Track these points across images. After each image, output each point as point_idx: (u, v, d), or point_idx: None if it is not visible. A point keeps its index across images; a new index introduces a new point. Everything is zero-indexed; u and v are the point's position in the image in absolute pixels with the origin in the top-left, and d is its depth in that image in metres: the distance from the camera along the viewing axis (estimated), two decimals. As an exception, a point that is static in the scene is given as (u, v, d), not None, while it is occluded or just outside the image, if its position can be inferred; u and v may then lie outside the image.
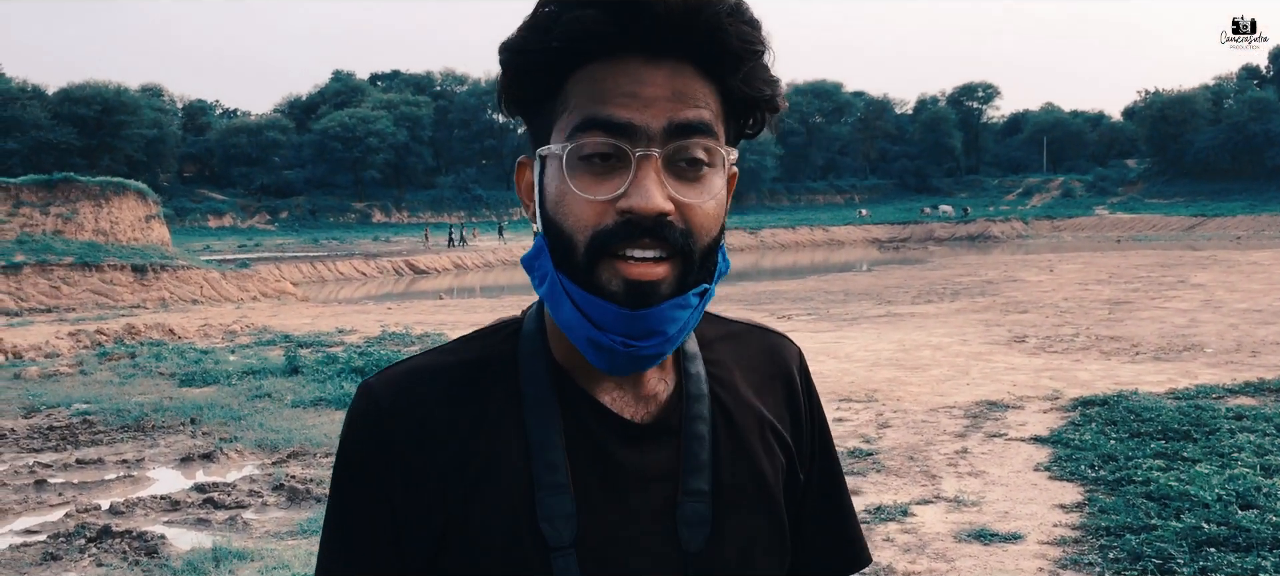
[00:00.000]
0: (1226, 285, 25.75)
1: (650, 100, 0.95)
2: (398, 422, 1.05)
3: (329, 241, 64.80)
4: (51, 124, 72.39)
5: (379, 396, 1.06)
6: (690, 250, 0.97)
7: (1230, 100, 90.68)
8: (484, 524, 1.02)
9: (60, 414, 12.41)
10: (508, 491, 1.02)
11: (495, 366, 1.08)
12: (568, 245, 0.97)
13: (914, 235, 71.38)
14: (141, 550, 7.21)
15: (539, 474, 1.02)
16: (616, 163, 0.95)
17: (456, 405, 1.05)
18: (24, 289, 29.85)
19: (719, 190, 0.99)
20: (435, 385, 1.07)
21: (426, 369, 1.08)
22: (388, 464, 1.04)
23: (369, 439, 1.06)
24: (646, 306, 0.96)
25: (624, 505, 1.03)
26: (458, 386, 1.07)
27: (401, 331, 19.66)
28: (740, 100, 1.01)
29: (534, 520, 1.00)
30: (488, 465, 1.03)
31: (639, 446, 1.05)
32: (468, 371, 1.08)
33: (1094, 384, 12.07)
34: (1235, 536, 6.16)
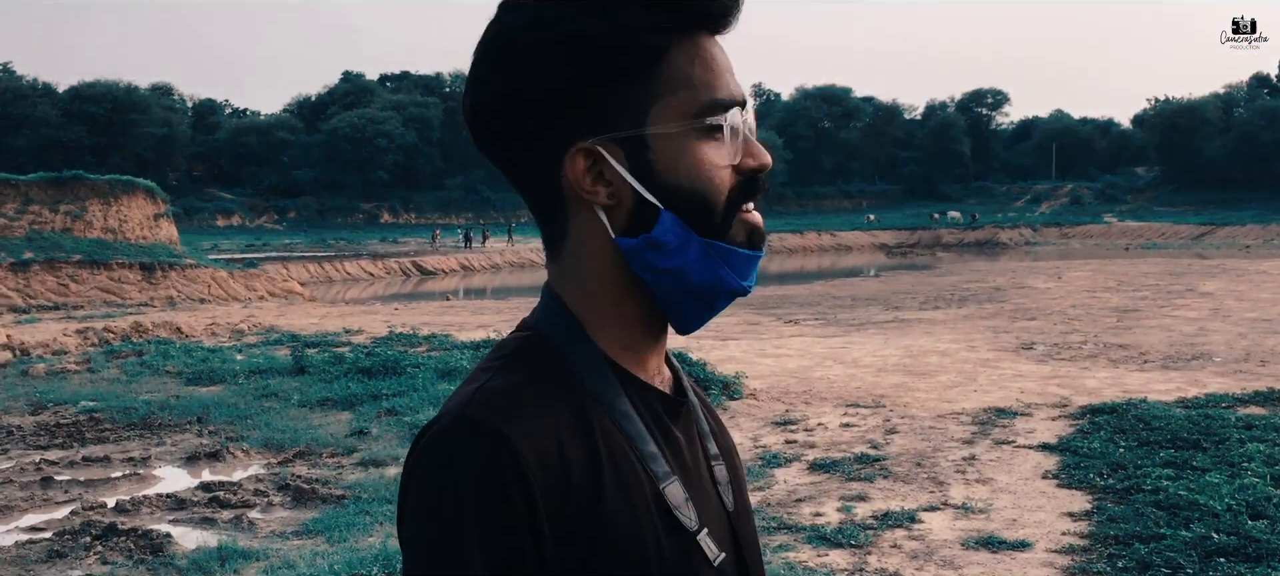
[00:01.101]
0: (1235, 294, 25.67)
1: (732, 71, 1.04)
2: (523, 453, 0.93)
3: (337, 242, 64.86)
4: (61, 122, 72.63)
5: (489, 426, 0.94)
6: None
7: (1240, 108, 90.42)
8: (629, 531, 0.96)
9: (67, 411, 12.43)
10: (642, 494, 0.98)
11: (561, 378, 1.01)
12: (706, 210, 1.01)
13: (922, 241, 71.25)
14: (147, 548, 7.21)
15: (651, 466, 1.01)
16: (736, 133, 1.02)
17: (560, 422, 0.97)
18: (32, 286, 29.93)
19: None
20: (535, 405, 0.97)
21: (515, 390, 0.98)
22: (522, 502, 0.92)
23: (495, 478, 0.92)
24: (763, 247, 1.06)
25: (696, 477, 1.07)
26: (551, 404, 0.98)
27: (408, 332, 19.66)
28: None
29: (668, 512, 1.00)
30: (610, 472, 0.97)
31: (679, 419, 1.08)
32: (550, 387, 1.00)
33: (1102, 392, 12.03)
34: (1245, 546, 6.12)
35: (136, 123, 75.70)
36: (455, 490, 0.92)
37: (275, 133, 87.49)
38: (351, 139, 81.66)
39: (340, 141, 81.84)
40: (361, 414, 11.74)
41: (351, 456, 9.92)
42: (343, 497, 8.43)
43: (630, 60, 0.98)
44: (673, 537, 0.99)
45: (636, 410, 1.03)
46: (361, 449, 10.14)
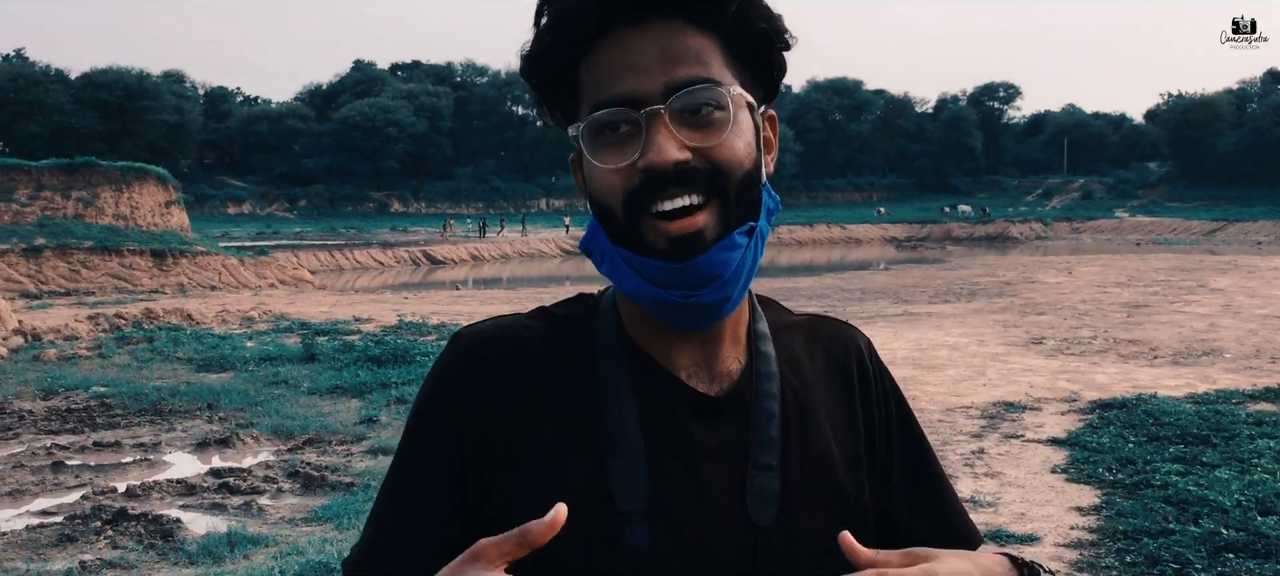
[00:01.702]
0: (1246, 290, 25.57)
1: (645, 67, 1.00)
2: (482, 369, 1.09)
3: (347, 230, 64.99)
4: (73, 109, 72.83)
5: (469, 343, 1.11)
6: (723, 188, 1.00)
7: (1254, 104, 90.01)
8: (553, 482, 1.03)
9: (78, 396, 12.48)
10: (581, 454, 1.05)
11: (574, 335, 1.12)
12: (609, 216, 1.03)
13: (932, 234, 71.05)
14: (157, 533, 7.24)
15: (613, 441, 1.05)
16: (631, 131, 1.00)
17: (538, 365, 1.09)
18: (44, 272, 30.05)
19: (742, 129, 1.03)
20: (520, 342, 1.11)
21: (514, 327, 1.13)
22: (465, 404, 1.08)
23: (453, 379, 1.10)
24: (695, 255, 0.99)
25: (695, 477, 1.06)
26: (541, 347, 1.11)
27: (418, 321, 19.70)
28: (743, 44, 1.04)
29: (605, 485, 1.03)
30: (563, 425, 1.06)
31: (710, 420, 1.08)
32: (549, 336, 1.12)
33: (1112, 386, 12.01)
34: (1254, 542, 6.11)
35: (148, 110, 75.88)
36: (429, 375, 1.13)
37: (286, 121, 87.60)
38: (362, 128, 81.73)
39: (351, 130, 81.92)
40: (371, 401, 11.77)
41: (361, 443, 9.95)
42: (352, 485, 8.45)
43: (552, 85, 1.06)
44: (601, 508, 1.03)
45: (640, 394, 1.07)
46: (371, 436, 10.17)
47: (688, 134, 0.99)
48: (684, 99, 0.99)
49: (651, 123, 0.99)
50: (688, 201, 0.99)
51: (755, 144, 1.04)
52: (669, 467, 1.05)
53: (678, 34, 1.01)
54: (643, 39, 1.00)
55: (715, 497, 1.06)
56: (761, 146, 1.06)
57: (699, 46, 1.01)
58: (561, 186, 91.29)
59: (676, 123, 0.99)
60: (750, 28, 1.04)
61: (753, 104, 1.06)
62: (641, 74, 1.00)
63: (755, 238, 1.04)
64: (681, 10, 1.01)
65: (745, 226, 1.03)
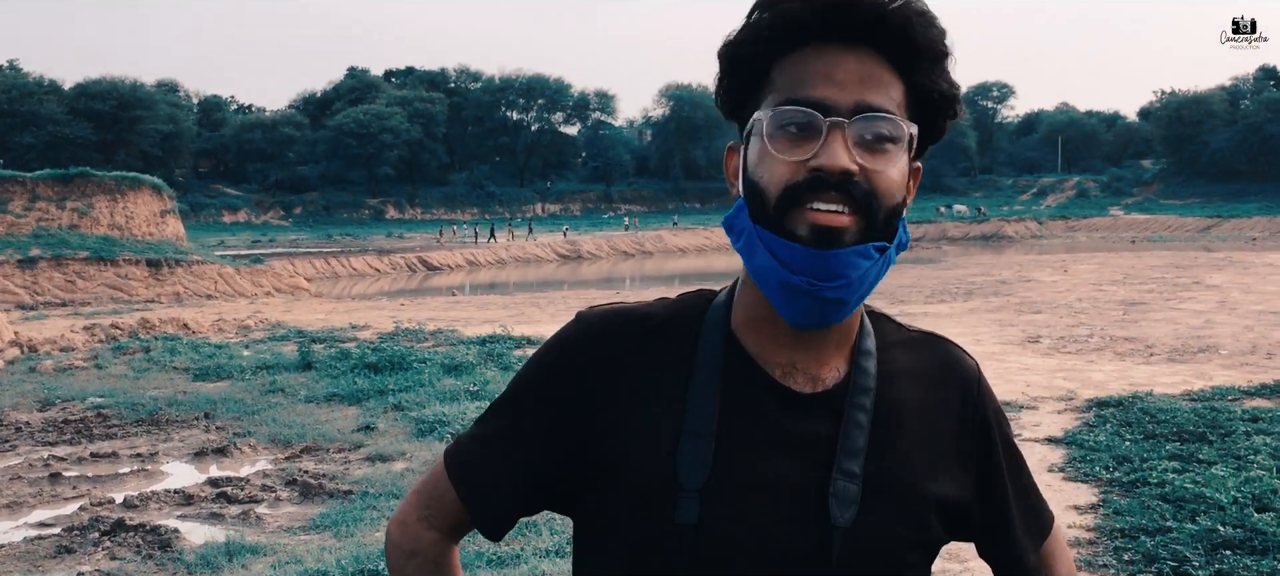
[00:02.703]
0: (1242, 287, 25.61)
1: (842, 82, 1.10)
2: (596, 347, 1.21)
3: (342, 237, 64.97)
4: (68, 119, 72.73)
5: (590, 322, 1.24)
6: (873, 208, 1.09)
7: (1247, 101, 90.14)
8: (635, 459, 1.16)
9: (75, 407, 12.47)
10: (661, 433, 1.15)
11: (683, 323, 1.22)
12: (763, 198, 1.11)
13: (928, 234, 71.12)
14: (155, 543, 7.24)
15: (688, 422, 1.14)
16: (810, 133, 1.09)
17: (645, 350, 1.20)
18: (40, 283, 30.01)
19: (903, 165, 1.13)
20: (633, 328, 1.22)
21: (631, 313, 1.24)
22: (575, 376, 1.21)
23: (567, 351, 1.23)
24: (831, 247, 1.08)
25: (767, 468, 1.14)
26: (650, 334, 1.22)
27: (415, 327, 19.69)
28: (923, 96, 1.14)
29: (672, 462, 1.13)
30: (652, 402, 1.17)
31: (796, 417, 1.16)
32: (662, 323, 1.23)
33: (1108, 385, 12.02)
34: (1251, 539, 6.11)
35: (142, 119, 75.81)
36: (546, 342, 1.26)
37: (281, 129, 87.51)
38: (357, 135, 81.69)
39: (346, 137, 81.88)
40: (368, 409, 11.76)
41: (358, 452, 9.94)
42: (350, 493, 8.45)
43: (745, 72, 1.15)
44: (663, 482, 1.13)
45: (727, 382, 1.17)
46: (368, 444, 10.16)
47: (860, 154, 1.08)
48: (868, 120, 1.09)
49: (833, 131, 1.08)
50: (840, 208, 1.08)
51: (904, 185, 1.14)
52: (738, 455, 1.14)
53: (877, 65, 1.11)
54: (845, 58, 1.10)
55: (788, 492, 1.14)
56: (907, 189, 1.15)
57: (891, 84, 1.11)
58: (556, 191, 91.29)
59: (854, 139, 1.08)
60: (934, 87, 1.14)
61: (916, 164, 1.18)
62: (836, 87, 1.09)
63: (884, 259, 1.12)
64: (884, 50, 1.11)
65: (878, 244, 1.11)
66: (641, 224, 72.51)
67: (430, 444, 9.79)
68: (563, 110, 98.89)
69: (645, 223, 73.30)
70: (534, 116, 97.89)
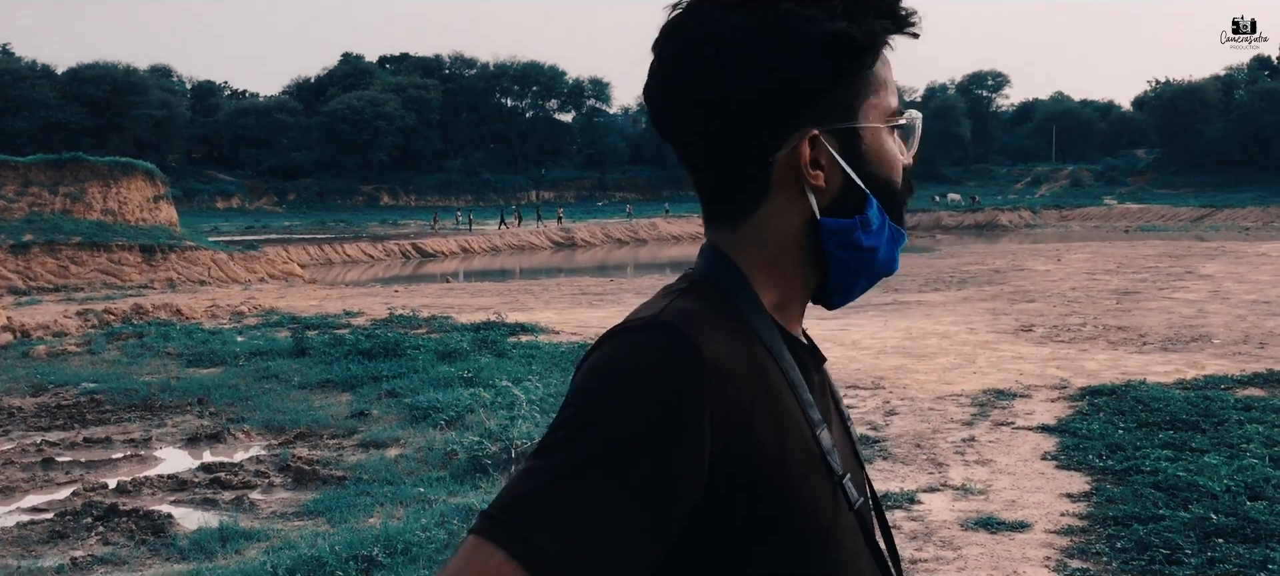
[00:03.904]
0: (1235, 276, 25.66)
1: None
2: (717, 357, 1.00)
3: (336, 224, 64.83)
4: (60, 103, 72.43)
5: (686, 331, 1.00)
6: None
7: (1241, 91, 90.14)
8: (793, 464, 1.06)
9: (68, 393, 12.45)
10: (801, 432, 1.09)
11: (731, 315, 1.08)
12: (895, 199, 1.16)
13: (921, 223, 71.14)
14: (148, 529, 7.24)
15: (809, 412, 1.11)
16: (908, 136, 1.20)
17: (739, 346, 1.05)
18: (32, 268, 29.94)
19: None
20: (719, 326, 1.04)
21: (700, 313, 1.04)
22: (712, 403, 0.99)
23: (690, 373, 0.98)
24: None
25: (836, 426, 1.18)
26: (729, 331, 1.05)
27: (409, 314, 19.67)
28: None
29: (821, 456, 1.10)
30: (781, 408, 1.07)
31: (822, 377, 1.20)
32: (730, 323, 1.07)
33: (1101, 373, 12.04)
34: (1243, 527, 6.14)
35: (135, 104, 75.51)
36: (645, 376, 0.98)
37: (274, 114, 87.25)
38: (350, 121, 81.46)
39: (339, 123, 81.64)
40: (362, 395, 11.76)
41: (352, 437, 9.94)
42: (344, 478, 8.45)
43: (868, 60, 1.11)
44: (822, 477, 1.08)
45: (796, 358, 1.14)
46: (362, 430, 10.16)
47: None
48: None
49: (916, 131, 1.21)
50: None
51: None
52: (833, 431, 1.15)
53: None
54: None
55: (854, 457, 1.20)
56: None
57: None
58: (550, 178, 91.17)
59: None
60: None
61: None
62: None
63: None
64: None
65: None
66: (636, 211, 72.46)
67: (423, 430, 9.79)
68: (557, 97, 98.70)
69: (640, 211, 73.23)
70: (528, 103, 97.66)
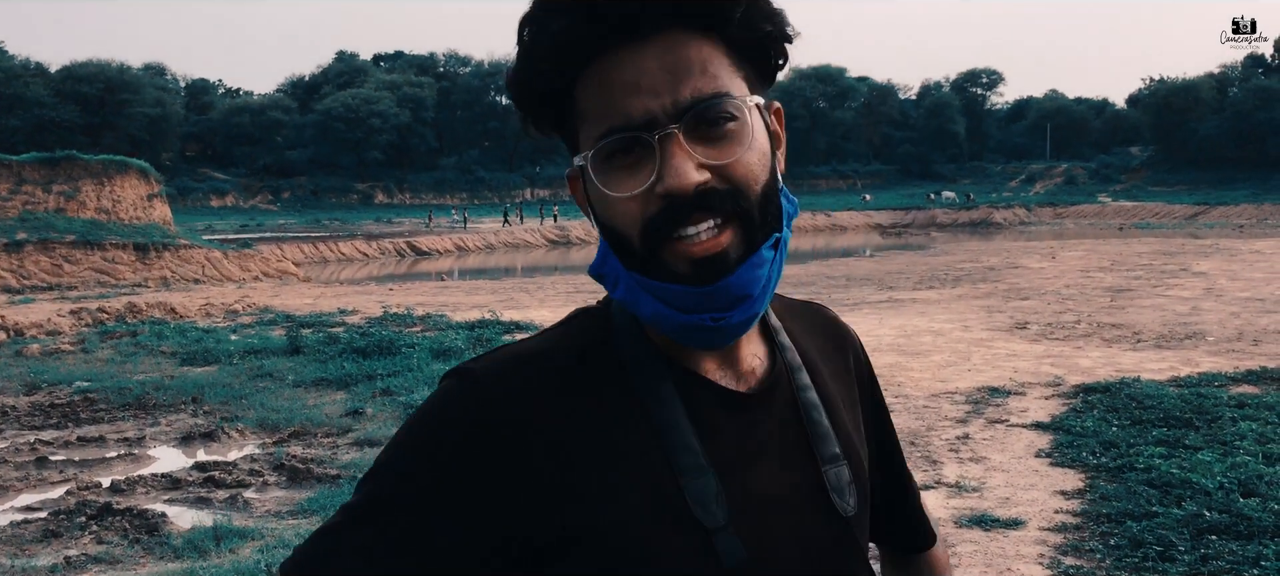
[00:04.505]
0: (1229, 273, 25.72)
1: (650, 86, 0.94)
2: (511, 416, 0.97)
3: (331, 222, 64.80)
4: (54, 102, 72.31)
5: (485, 383, 0.98)
6: (745, 207, 0.95)
7: (1235, 88, 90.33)
8: (625, 520, 0.96)
9: (62, 391, 12.43)
10: (649, 482, 0.97)
11: (596, 354, 1.02)
12: (626, 245, 0.97)
13: (916, 221, 71.22)
14: (142, 528, 7.22)
15: (677, 457, 0.98)
16: (644, 152, 0.94)
17: (570, 394, 0.99)
18: (26, 266, 29.87)
19: (756, 137, 0.97)
20: (546, 372, 1.00)
21: (532, 354, 1.01)
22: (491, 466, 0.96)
23: (473, 423, 0.97)
24: (720, 278, 0.94)
25: (759, 476, 1.02)
26: (568, 374, 1.00)
27: (403, 312, 19.66)
28: (747, 44, 0.99)
29: (683, 507, 0.96)
30: (618, 458, 0.98)
31: (751, 417, 1.04)
32: (573, 359, 1.02)
33: (1095, 371, 12.06)
34: (1237, 524, 6.15)
35: (129, 103, 75.42)
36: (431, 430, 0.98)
37: (269, 113, 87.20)
38: (345, 119, 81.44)
39: (334, 121, 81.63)
40: (356, 394, 11.75)
41: (347, 436, 9.93)
42: (338, 477, 8.44)
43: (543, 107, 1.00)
44: (676, 532, 0.96)
45: (682, 397, 1.01)
46: (357, 428, 10.15)
47: (704, 151, 0.94)
48: (698, 114, 0.94)
49: (666, 145, 0.93)
50: (710, 224, 0.94)
51: (769, 149, 1.00)
52: (735, 475, 1.00)
53: (681, 46, 0.95)
54: (643, 56, 0.94)
55: (791, 497, 1.03)
56: (774, 148, 1.02)
57: (704, 56, 0.96)
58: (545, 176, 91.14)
59: (692, 141, 0.94)
60: (756, 30, 0.98)
61: (763, 105, 1.01)
62: (648, 94, 0.94)
63: (780, 248, 0.99)
64: (680, 20, 0.95)
65: (771, 240, 0.98)
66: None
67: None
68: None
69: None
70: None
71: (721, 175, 0.95)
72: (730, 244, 0.94)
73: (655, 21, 0.94)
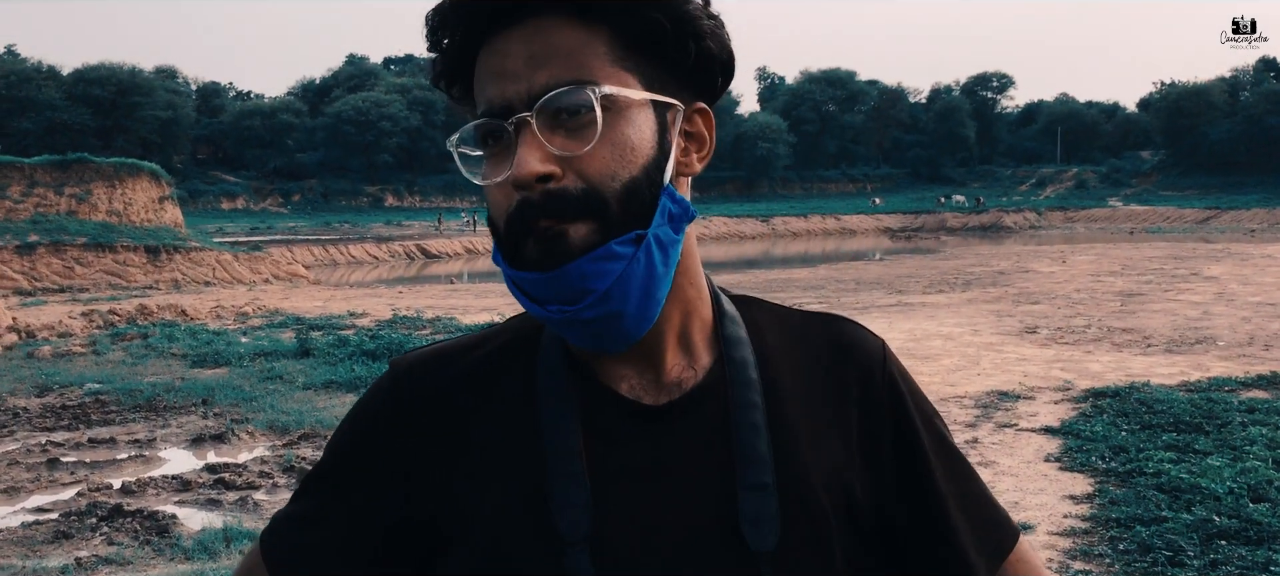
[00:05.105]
0: (1240, 278, 25.63)
1: (513, 72, 0.93)
2: (414, 402, 1.04)
3: (341, 225, 64.91)
4: (66, 104, 72.61)
5: (402, 373, 1.06)
6: (598, 199, 0.91)
7: (1247, 92, 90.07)
8: (493, 515, 0.97)
9: (73, 393, 12.47)
10: (520, 481, 0.98)
11: (518, 352, 1.04)
12: (496, 233, 0.96)
13: (926, 225, 71.13)
14: (153, 529, 7.25)
15: (552, 462, 0.97)
16: (505, 143, 0.94)
17: (474, 391, 1.03)
18: (37, 269, 29.99)
19: (626, 134, 0.93)
20: (455, 369, 1.05)
21: (452, 351, 1.07)
22: (392, 438, 1.04)
23: (382, 409, 1.05)
24: (561, 264, 0.91)
25: (655, 500, 0.97)
26: (478, 371, 1.04)
27: (413, 315, 19.70)
28: (638, 36, 0.94)
29: (546, 515, 0.95)
30: (500, 453, 0.99)
31: (656, 431, 0.99)
32: (490, 357, 1.05)
33: (1105, 375, 12.04)
34: (1246, 529, 6.14)
35: (141, 105, 75.67)
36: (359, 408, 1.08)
37: (279, 116, 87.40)
38: (356, 122, 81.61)
39: (344, 124, 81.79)
40: (366, 396, 11.76)
41: (356, 438, 9.95)
42: (347, 479, 8.46)
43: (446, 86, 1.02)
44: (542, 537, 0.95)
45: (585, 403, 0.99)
46: (366, 431, 10.17)
47: (561, 142, 0.91)
48: (548, 102, 0.91)
49: (520, 132, 0.91)
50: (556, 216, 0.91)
51: (651, 148, 0.94)
52: (617, 490, 0.96)
53: (550, 32, 0.92)
54: (513, 42, 0.93)
55: (684, 519, 0.96)
56: (665, 148, 0.96)
57: (573, 44, 0.92)
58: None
59: (547, 131, 0.91)
60: (641, 17, 0.93)
61: (662, 102, 0.96)
62: (509, 80, 0.92)
63: (646, 246, 0.92)
64: (550, 5, 0.93)
65: (629, 235, 0.92)
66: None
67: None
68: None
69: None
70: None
71: (573, 168, 0.92)
72: (574, 231, 0.91)
73: (522, 6, 0.93)
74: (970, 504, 1.08)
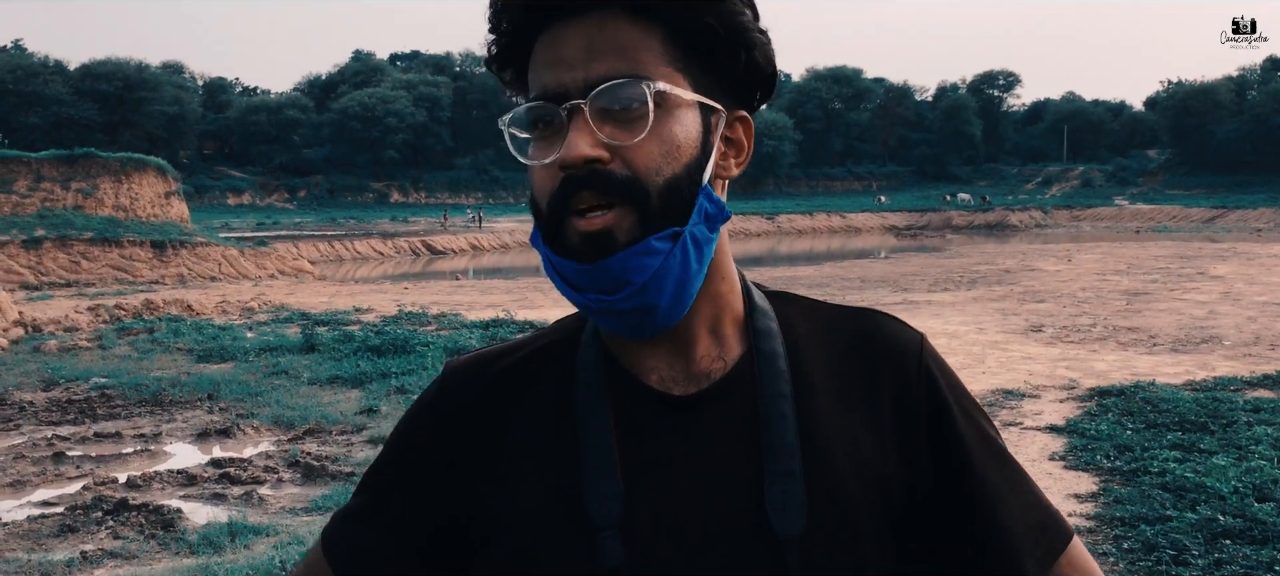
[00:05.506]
0: (1246, 277, 25.59)
1: (569, 61, 0.96)
2: (452, 408, 1.09)
3: (347, 221, 64.96)
4: (73, 99, 72.65)
5: (448, 377, 1.11)
6: (640, 193, 0.94)
7: (1254, 92, 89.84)
8: (525, 510, 1.01)
9: (79, 387, 12.50)
10: (555, 475, 1.01)
11: (558, 352, 1.09)
12: (538, 215, 0.98)
13: (932, 223, 71.08)
14: (158, 523, 7.27)
15: (587, 455, 1.00)
16: (556, 128, 0.96)
17: (509, 396, 1.08)
18: (44, 263, 30.06)
19: (669, 131, 0.96)
20: (493, 371, 1.09)
21: (499, 352, 1.12)
22: (431, 444, 1.09)
23: (424, 414, 1.11)
24: (603, 257, 0.94)
25: (674, 482, 0.99)
26: (515, 375, 1.09)
27: (418, 311, 19.71)
28: (690, 38, 0.98)
29: (580, 505, 0.99)
30: (534, 453, 1.04)
31: (686, 420, 1.01)
32: (530, 359, 1.09)
33: (1111, 374, 12.03)
34: (1251, 529, 6.13)
35: (147, 101, 75.72)
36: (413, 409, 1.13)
37: (285, 111, 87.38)
38: (361, 118, 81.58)
39: (350, 120, 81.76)
40: (371, 392, 11.79)
41: (361, 434, 9.97)
42: (352, 474, 8.48)
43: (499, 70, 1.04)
44: (572, 526, 0.98)
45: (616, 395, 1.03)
46: (371, 426, 10.19)
47: (612, 131, 0.94)
48: (602, 93, 0.94)
49: (573, 118, 0.94)
50: (599, 205, 0.94)
51: (694, 148, 0.97)
52: (647, 480, 0.99)
53: (609, 27, 0.96)
54: (572, 32, 0.96)
55: (714, 507, 0.98)
56: (707, 149, 0.99)
57: (632, 40, 0.96)
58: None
59: (599, 119, 0.94)
60: (695, 21, 0.97)
61: (708, 105, 0.99)
62: (565, 68, 0.96)
63: (682, 243, 0.96)
64: (613, 3, 0.96)
65: (667, 232, 0.95)
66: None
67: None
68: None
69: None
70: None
71: (621, 156, 0.94)
72: (617, 225, 0.94)
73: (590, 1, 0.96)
74: (1018, 501, 1.06)
